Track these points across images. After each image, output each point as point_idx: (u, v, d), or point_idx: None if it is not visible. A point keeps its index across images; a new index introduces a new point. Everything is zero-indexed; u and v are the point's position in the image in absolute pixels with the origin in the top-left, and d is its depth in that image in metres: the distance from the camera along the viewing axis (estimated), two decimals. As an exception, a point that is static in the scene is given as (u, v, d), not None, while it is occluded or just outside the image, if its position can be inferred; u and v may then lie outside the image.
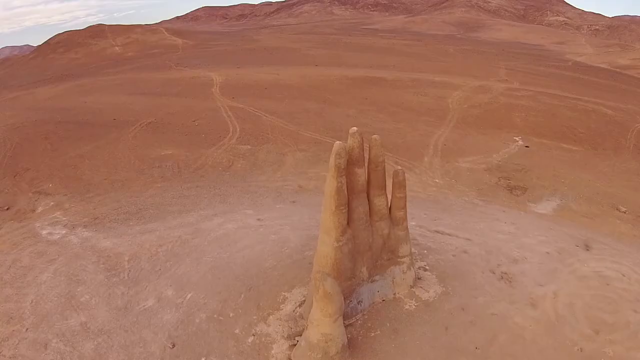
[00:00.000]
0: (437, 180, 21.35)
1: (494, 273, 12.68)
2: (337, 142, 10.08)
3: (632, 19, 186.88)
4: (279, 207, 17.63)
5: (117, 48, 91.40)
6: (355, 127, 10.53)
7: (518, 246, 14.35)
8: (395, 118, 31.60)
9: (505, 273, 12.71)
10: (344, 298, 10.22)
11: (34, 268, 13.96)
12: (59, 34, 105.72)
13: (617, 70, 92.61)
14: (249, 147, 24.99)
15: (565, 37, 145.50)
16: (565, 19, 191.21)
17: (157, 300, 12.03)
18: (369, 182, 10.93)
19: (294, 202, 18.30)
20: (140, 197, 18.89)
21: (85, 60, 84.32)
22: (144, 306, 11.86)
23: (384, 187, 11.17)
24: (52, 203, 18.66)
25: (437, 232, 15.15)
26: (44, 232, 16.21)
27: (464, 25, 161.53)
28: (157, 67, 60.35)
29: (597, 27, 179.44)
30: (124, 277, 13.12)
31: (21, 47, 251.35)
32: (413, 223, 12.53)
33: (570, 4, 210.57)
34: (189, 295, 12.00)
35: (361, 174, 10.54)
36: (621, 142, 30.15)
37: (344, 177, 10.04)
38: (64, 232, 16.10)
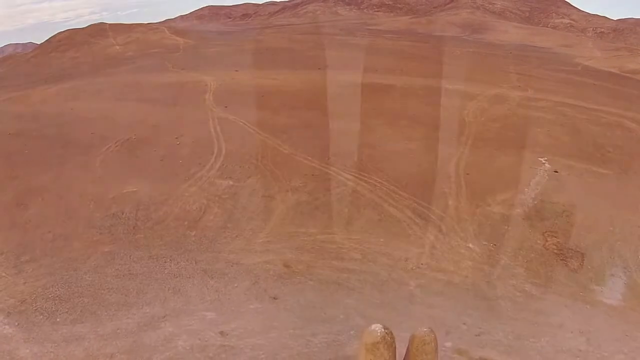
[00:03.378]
0: (470, 246, 17.27)
1: None
2: None
3: (637, 22, 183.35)
4: (253, 309, 13.49)
5: (117, 47, 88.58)
6: (378, 327, 5.83)
7: (594, 379, 10.63)
8: (406, 135, 28.45)
9: None
10: None
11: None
12: (60, 32, 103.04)
13: (628, 75, 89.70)
14: (230, 182, 21.23)
15: (571, 39, 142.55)
16: (571, 21, 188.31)
17: None
18: None
19: (275, 298, 14.21)
20: (77, 270, 15.49)
21: (85, 60, 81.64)
22: None
23: None
24: (-18, 268, 15.64)
25: (485, 361, 11.21)
26: (-37, 320, 13.26)
27: (469, 26, 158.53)
28: (155, 69, 57.52)
29: (602, 30, 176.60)
30: None
31: (25, 44, 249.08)
32: (448, 345, 8.97)
33: (576, 6, 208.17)
34: None
35: None
36: (651, 163, 27.33)
37: None
38: (-16, 322, 13.07)
